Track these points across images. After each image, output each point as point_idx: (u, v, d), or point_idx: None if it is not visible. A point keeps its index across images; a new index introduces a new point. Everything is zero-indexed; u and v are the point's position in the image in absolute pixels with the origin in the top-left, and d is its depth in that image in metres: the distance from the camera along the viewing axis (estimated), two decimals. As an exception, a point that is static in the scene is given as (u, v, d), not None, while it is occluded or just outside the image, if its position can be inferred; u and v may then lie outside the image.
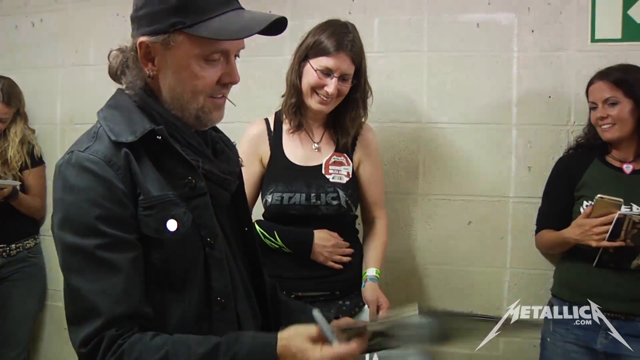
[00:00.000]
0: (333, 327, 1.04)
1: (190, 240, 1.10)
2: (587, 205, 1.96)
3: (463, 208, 2.37)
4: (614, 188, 1.91)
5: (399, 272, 2.40)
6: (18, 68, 2.78)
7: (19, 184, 2.64)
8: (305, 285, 1.93)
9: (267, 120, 2.04)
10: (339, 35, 1.85)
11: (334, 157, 1.98)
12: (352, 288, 1.99)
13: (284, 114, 1.99)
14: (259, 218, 2.00)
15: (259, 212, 2.03)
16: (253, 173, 1.96)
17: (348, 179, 1.96)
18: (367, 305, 1.92)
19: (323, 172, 1.95)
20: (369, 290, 1.91)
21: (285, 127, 2.01)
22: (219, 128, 1.31)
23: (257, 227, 1.89)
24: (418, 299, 2.09)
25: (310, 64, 1.86)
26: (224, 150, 1.27)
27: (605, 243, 1.84)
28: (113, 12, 2.71)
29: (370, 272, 1.96)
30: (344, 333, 1.05)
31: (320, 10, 2.41)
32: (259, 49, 2.45)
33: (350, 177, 1.97)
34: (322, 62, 1.84)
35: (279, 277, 1.74)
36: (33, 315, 2.81)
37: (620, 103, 1.93)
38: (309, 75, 1.87)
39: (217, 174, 1.17)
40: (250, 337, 1.03)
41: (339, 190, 1.92)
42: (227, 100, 1.18)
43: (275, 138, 2.00)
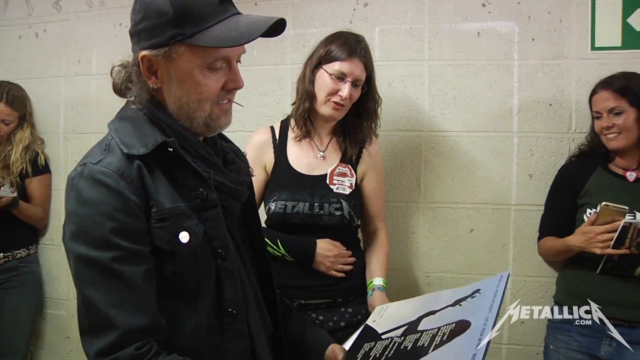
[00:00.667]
0: None
1: (202, 252, 1.10)
2: (590, 213, 1.96)
3: (465, 216, 2.37)
4: (618, 196, 1.91)
5: (401, 279, 2.39)
6: (22, 78, 2.80)
7: (14, 196, 2.60)
8: (308, 293, 1.93)
9: (272, 128, 2.05)
10: (352, 43, 1.89)
11: (339, 167, 1.98)
12: (354, 295, 1.99)
13: (294, 120, 2.00)
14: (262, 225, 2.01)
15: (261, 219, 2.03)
16: (257, 181, 1.95)
17: (351, 190, 1.96)
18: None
19: (327, 182, 1.95)
20: (378, 299, 1.89)
21: (292, 134, 2.02)
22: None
23: None
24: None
25: (325, 70, 1.89)
26: (235, 161, 1.27)
27: (610, 251, 1.84)
28: (116, 22, 2.73)
29: (377, 281, 1.96)
30: None
31: (322, 20, 2.43)
32: (261, 59, 2.47)
33: (354, 188, 1.98)
34: (335, 66, 1.87)
35: (281, 285, 1.74)
36: (28, 324, 2.79)
37: (626, 112, 1.93)
38: (323, 81, 1.90)
39: (228, 185, 1.17)
40: None
41: (343, 201, 1.93)
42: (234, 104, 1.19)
43: (280, 146, 2.00)
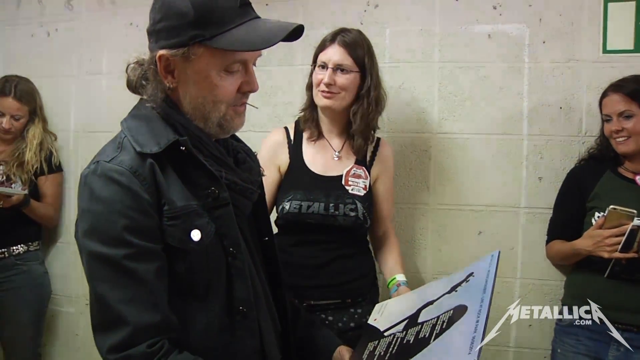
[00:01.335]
0: None
1: (214, 250, 1.11)
2: (599, 217, 1.95)
3: (473, 218, 2.37)
4: (627, 200, 1.91)
5: (409, 281, 2.37)
6: (33, 76, 2.80)
7: (25, 194, 2.57)
8: (316, 294, 1.93)
9: (286, 129, 2.06)
10: (335, 33, 1.94)
11: (354, 169, 1.99)
12: (363, 296, 1.99)
13: (302, 124, 2.03)
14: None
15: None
16: (270, 181, 1.96)
17: (365, 192, 1.97)
18: None
19: (343, 182, 1.96)
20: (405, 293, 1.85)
21: (306, 135, 2.03)
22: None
23: None
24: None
25: (313, 66, 1.95)
26: (246, 160, 1.28)
27: (618, 254, 1.84)
28: (127, 21, 2.75)
29: (400, 277, 1.95)
30: None
31: (332, 21, 2.44)
32: (271, 59, 2.48)
33: (367, 190, 1.98)
34: (319, 58, 1.93)
35: (291, 285, 1.74)
36: (30, 327, 2.71)
37: (636, 116, 1.92)
38: (314, 76, 1.95)
39: (239, 184, 1.18)
40: None
41: (357, 202, 1.93)
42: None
43: (295, 146, 2.01)
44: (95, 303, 1.04)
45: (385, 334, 1.29)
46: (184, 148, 1.09)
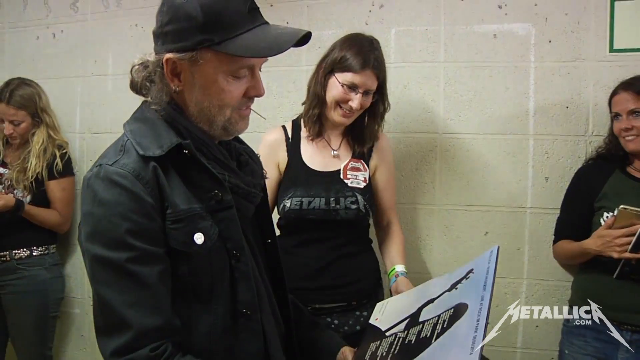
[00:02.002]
0: None
1: (217, 253, 1.11)
2: (607, 217, 1.94)
3: (480, 218, 2.36)
4: (636, 199, 1.88)
5: (415, 282, 2.37)
6: (39, 78, 2.81)
7: (16, 199, 2.52)
8: (322, 297, 1.93)
9: (284, 128, 2.06)
10: (366, 54, 1.87)
11: (352, 162, 2.00)
12: (368, 298, 1.98)
13: (305, 122, 2.02)
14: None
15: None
16: (270, 180, 1.95)
17: (365, 184, 1.97)
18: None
19: (341, 176, 1.96)
20: (403, 284, 1.84)
21: (304, 134, 2.03)
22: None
23: None
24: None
25: (337, 78, 1.89)
26: (249, 162, 1.28)
27: (628, 255, 1.82)
28: (132, 23, 2.76)
29: (400, 267, 1.94)
30: None
31: (337, 21, 2.43)
32: (276, 60, 2.44)
33: (367, 182, 1.98)
34: (348, 77, 1.87)
35: (294, 287, 1.74)
36: (32, 332, 2.65)
37: None
38: (335, 89, 1.90)
39: (242, 187, 1.18)
40: None
41: (358, 195, 1.93)
42: (253, 112, 1.20)
43: (293, 145, 2.01)
44: (98, 306, 1.04)
45: (387, 334, 1.29)
46: (187, 151, 1.09)
